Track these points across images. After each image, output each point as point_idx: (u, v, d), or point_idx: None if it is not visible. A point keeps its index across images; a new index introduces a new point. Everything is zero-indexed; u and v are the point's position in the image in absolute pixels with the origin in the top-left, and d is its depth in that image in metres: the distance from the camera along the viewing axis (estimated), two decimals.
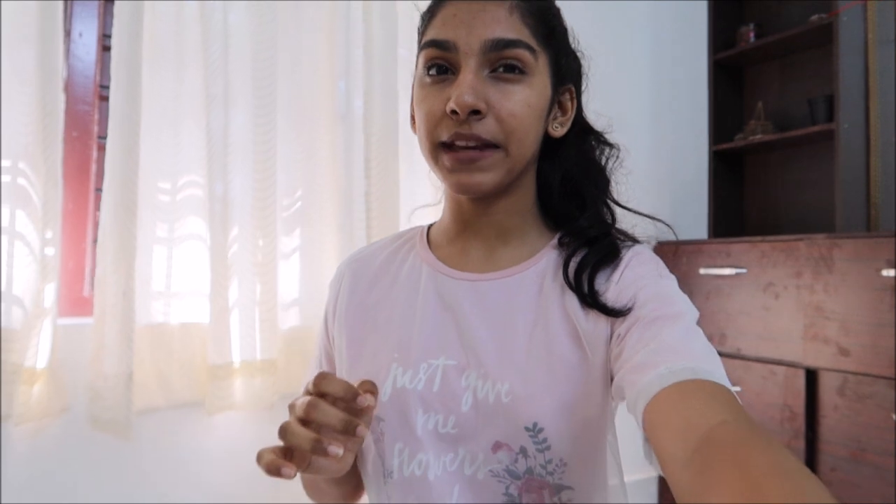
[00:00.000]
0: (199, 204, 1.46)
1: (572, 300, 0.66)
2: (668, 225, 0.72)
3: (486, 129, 0.62)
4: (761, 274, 1.81)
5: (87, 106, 1.48)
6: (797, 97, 2.20)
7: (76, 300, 1.45)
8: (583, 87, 0.74)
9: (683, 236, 2.22)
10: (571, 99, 0.72)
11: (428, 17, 0.69)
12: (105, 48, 1.50)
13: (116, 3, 1.34)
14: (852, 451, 1.56)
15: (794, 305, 1.72)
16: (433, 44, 0.64)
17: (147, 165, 1.39)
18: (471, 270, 0.71)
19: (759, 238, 1.85)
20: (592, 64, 0.77)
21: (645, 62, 2.23)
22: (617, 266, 0.67)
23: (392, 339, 0.70)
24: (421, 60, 0.66)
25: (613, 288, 0.65)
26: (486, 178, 0.64)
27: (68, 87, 1.42)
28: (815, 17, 2.00)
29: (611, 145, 0.75)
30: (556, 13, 0.70)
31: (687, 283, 2.01)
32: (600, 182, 0.73)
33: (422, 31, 0.69)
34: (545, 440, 0.63)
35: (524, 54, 0.63)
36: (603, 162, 0.74)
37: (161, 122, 1.42)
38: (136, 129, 1.35)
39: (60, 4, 1.29)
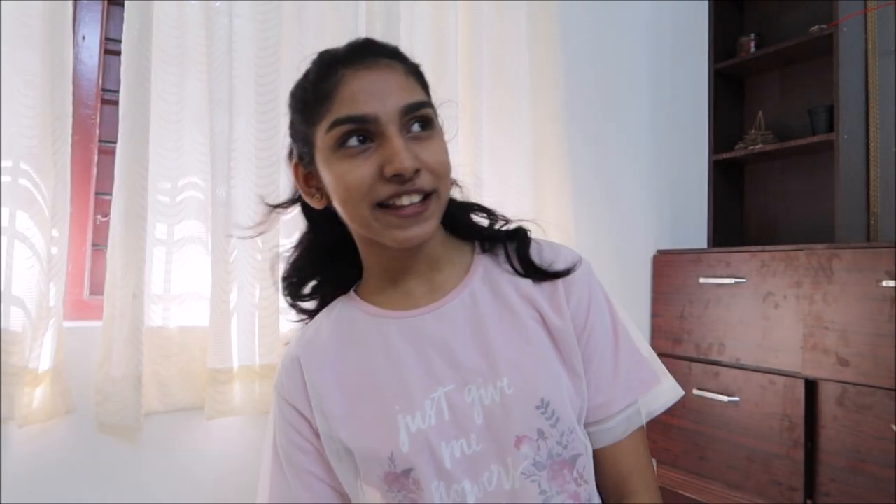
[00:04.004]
0: (201, 207, 1.47)
1: (523, 283, 0.77)
2: (536, 224, 0.84)
3: (424, 181, 0.69)
4: (761, 283, 1.81)
5: (90, 109, 1.48)
6: (797, 107, 2.20)
7: (76, 304, 1.45)
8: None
9: (683, 245, 2.23)
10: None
11: (322, 97, 0.70)
12: (108, 52, 1.50)
13: (127, 4, 1.34)
14: (851, 462, 1.56)
15: (793, 315, 1.72)
16: (350, 120, 0.69)
17: (151, 169, 1.39)
18: (423, 305, 0.77)
19: (758, 248, 1.85)
20: (593, 71, 0.83)
21: (645, 71, 2.23)
22: (538, 245, 0.81)
23: (388, 396, 0.73)
24: (333, 136, 0.69)
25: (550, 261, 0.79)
26: (430, 225, 0.71)
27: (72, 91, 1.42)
28: (815, 28, 2.01)
29: None
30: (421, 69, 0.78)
31: (686, 292, 2.01)
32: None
33: (318, 110, 0.71)
34: (554, 412, 0.70)
35: (429, 111, 0.72)
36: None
37: (165, 126, 1.42)
38: (146, 133, 1.35)
39: (70, 6, 1.30)
